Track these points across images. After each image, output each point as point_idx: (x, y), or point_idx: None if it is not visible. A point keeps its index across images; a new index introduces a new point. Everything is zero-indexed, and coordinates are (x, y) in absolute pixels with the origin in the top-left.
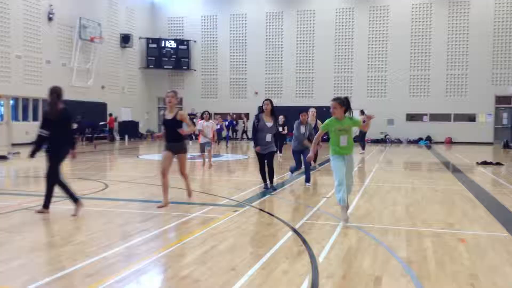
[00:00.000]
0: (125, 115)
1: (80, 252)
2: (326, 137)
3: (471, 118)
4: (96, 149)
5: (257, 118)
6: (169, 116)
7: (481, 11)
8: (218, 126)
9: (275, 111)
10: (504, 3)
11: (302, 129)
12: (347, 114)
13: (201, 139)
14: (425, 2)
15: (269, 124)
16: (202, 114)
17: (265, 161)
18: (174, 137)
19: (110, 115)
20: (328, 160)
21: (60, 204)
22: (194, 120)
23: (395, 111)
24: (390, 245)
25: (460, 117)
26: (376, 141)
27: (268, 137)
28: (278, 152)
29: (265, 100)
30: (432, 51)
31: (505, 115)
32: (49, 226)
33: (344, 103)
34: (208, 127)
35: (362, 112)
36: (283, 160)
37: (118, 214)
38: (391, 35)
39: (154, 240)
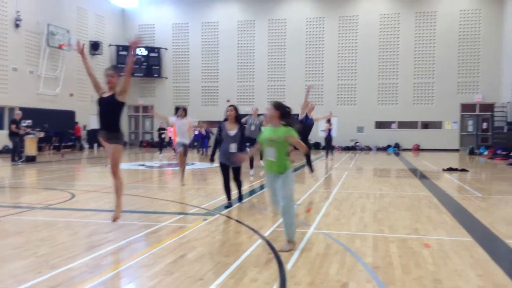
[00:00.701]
0: (94, 124)
1: (44, 264)
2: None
3: (438, 125)
4: (64, 158)
5: (219, 127)
6: (107, 94)
7: (446, 22)
8: (197, 132)
9: (240, 118)
10: (469, 14)
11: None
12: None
13: (177, 139)
14: (393, 13)
15: (233, 132)
16: (177, 110)
17: (231, 174)
18: (110, 123)
19: (77, 123)
20: (301, 167)
21: (24, 215)
22: (163, 135)
23: (364, 119)
24: (357, 251)
25: (427, 125)
26: (346, 148)
27: (232, 147)
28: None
29: (229, 106)
30: (399, 60)
31: (470, 122)
32: (12, 238)
33: (279, 107)
34: (184, 125)
35: (328, 121)
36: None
37: (85, 225)
38: (360, 44)
39: (121, 251)
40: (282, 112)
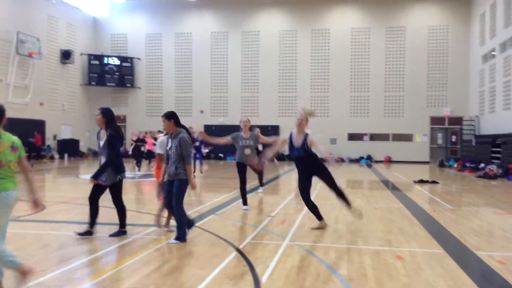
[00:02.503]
0: (65, 133)
1: (12, 278)
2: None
3: (409, 138)
4: (33, 169)
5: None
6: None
7: (416, 37)
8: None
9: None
10: (437, 30)
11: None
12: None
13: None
14: (364, 27)
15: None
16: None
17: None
18: None
19: (37, 133)
20: (274, 179)
21: None
22: (142, 148)
23: (337, 131)
24: (331, 263)
25: (398, 137)
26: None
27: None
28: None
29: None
30: (371, 74)
31: (439, 135)
32: None
33: None
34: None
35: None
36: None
37: (55, 237)
38: (332, 57)
39: (92, 264)
40: None
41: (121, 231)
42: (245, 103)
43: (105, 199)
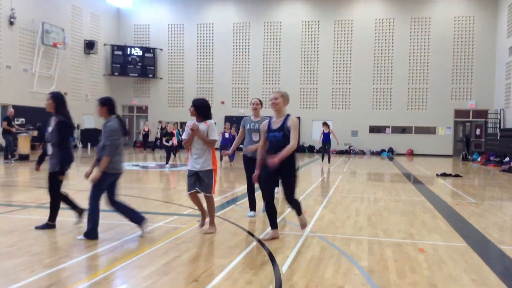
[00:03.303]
0: (87, 123)
1: (37, 263)
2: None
3: (432, 131)
4: None
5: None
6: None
7: (441, 28)
8: (227, 135)
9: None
10: (463, 21)
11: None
12: None
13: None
14: (388, 17)
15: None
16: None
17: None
18: None
19: None
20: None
21: (17, 214)
22: (170, 142)
23: (358, 123)
24: (352, 254)
25: (420, 130)
26: (340, 152)
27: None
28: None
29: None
30: (394, 66)
31: (461, 128)
32: (5, 236)
33: None
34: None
35: (324, 123)
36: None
37: (78, 224)
38: (355, 49)
39: (114, 251)
40: None
41: (49, 224)
42: (266, 94)
43: (124, 188)
